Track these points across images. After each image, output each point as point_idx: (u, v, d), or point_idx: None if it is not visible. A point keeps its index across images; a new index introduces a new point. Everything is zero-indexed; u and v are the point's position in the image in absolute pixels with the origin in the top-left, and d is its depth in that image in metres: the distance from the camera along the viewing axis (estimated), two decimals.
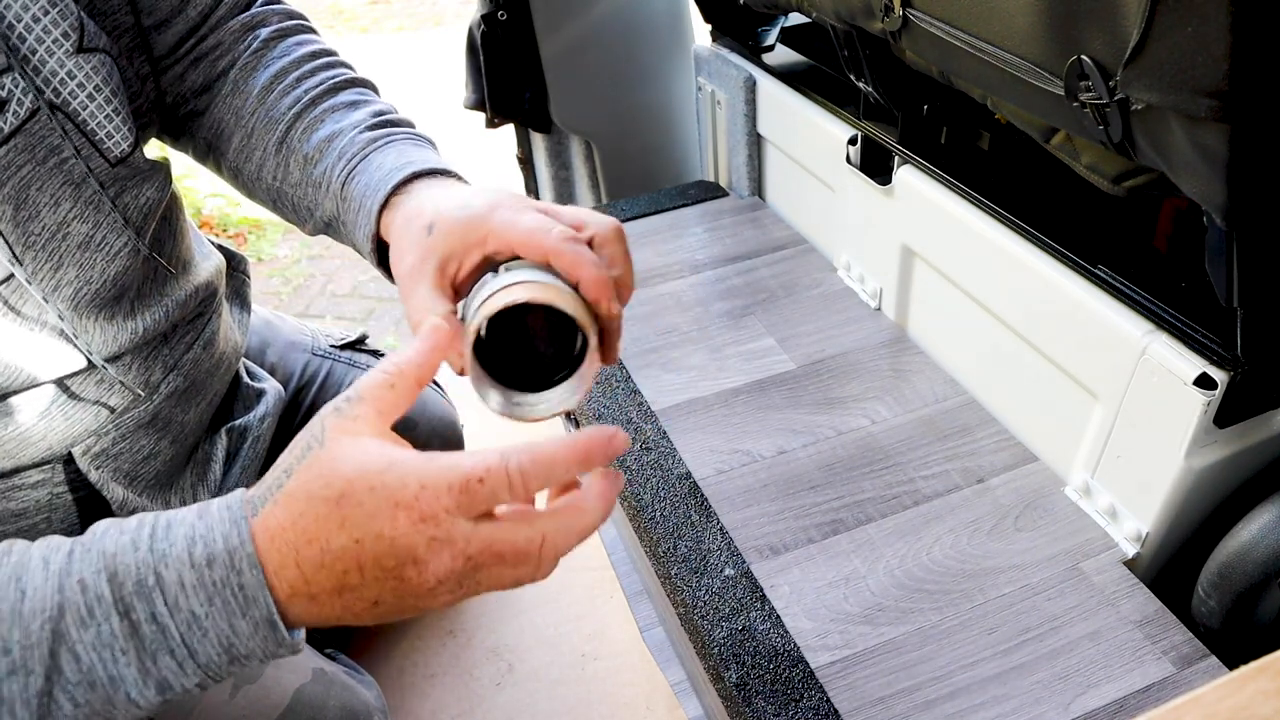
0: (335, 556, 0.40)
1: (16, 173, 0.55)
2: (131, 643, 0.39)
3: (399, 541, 0.39)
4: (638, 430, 0.95)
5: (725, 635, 0.74)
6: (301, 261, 2.43)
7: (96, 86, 0.58)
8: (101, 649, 0.39)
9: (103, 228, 0.61)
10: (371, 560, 0.39)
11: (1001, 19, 0.63)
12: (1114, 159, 0.65)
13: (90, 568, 0.40)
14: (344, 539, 0.39)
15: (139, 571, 0.40)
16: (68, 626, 0.39)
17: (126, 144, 0.60)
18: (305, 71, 0.66)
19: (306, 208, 0.65)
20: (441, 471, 0.39)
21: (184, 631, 0.40)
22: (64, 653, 0.39)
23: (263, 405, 0.82)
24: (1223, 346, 0.65)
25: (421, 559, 0.39)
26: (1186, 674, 0.68)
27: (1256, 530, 0.68)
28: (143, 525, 0.42)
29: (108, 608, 0.39)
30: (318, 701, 0.81)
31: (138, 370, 0.67)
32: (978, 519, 0.82)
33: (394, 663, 1.03)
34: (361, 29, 4.28)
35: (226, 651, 0.41)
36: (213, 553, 0.40)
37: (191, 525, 0.41)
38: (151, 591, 0.40)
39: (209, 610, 0.40)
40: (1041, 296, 0.80)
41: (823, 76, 1.17)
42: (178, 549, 0.40)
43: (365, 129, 0.61)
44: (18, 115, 0.54)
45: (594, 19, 1.41)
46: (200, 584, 0.40)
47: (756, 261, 1.21)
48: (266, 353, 0.96)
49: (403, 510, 0.39)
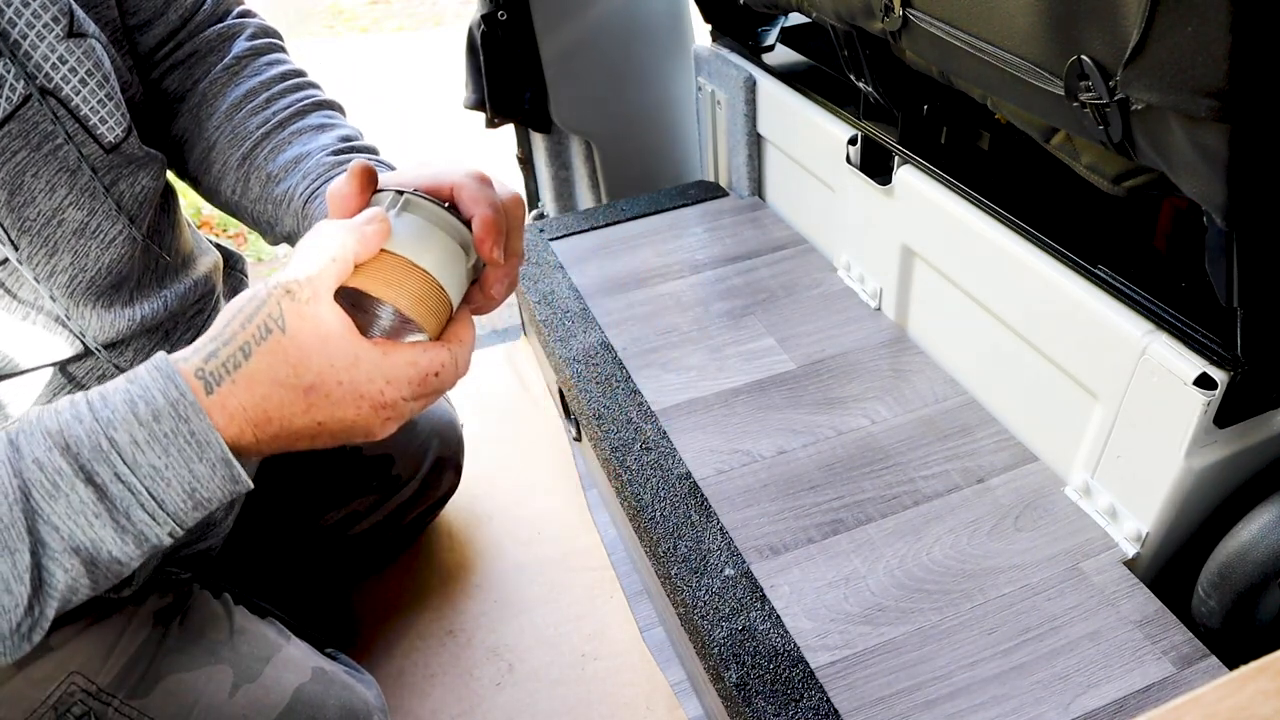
0: (295, 432, 0.45)
1: (11, 158, 0.55)
2: (102, 505, 0.43)
3: (359, 423, 0.45)
4: (638, 430, 0.95)
5: (725, 635, 0.74)
6: None
7: (88, 71, 0.58)
8: (75, 516, 0.42)
9: (98, 215, 0.61)
10: (328, 434, 0.45)
11: (1001, 19, 0.62)
12: (1114, 159, 0.65)
13: (40, 447, 0.42)
14: (306, 420, 0.44)
15: (91, 439, 0.42)
16: (37, 502, 0.42)
17: (120, 129, 0.61)
18: (276, 93, 0.68)
19: (266, 222, 0.67)
20: (403, 368, 0.45)
21: (149, 484, 0.43)
22: (42, 526, 0.42)
23: None
24: (1223, 346, 0.65)
25: (374, 430, 0.46)
26: (1186, 674, 0.68)
27: (1256, 530, 0.68)
28: (76, 402, 0.44)
29: (70, 478, 0.42)
30: (317, 700, 0.81)
31: (138, 362, 0.67)
32: (978, 519, 0.82)
33: (394, 662, 1.03)
34: (361, 29, 4.28)
35: (190, 496, 0.44)
36: (156, 409, 0.43)
37: (126, 390, 0.44)
38: (109, 454, 0.42)
39: (167, 460, 0.43)
40: (1041, 296, 0.80)
41: (823, 76, 1.17)
42: (120, 413, 0.43)
43: (331, 153, 0.64)
44: (10, 101, 0.54)
45: (594, 19, 1.41)
46: (153, 438, 0.43)
47: (756, 261, 1.21)
48: None
49: (366, 400, 0.44)
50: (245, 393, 0.44)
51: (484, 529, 1.18)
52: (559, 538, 1.15)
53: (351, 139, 0.67)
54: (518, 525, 1.18)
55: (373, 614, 1.09)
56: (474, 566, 1.13)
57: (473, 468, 1.20)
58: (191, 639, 0.77)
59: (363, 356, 0.44)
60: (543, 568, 1.11)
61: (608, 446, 0.93)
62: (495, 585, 1.11)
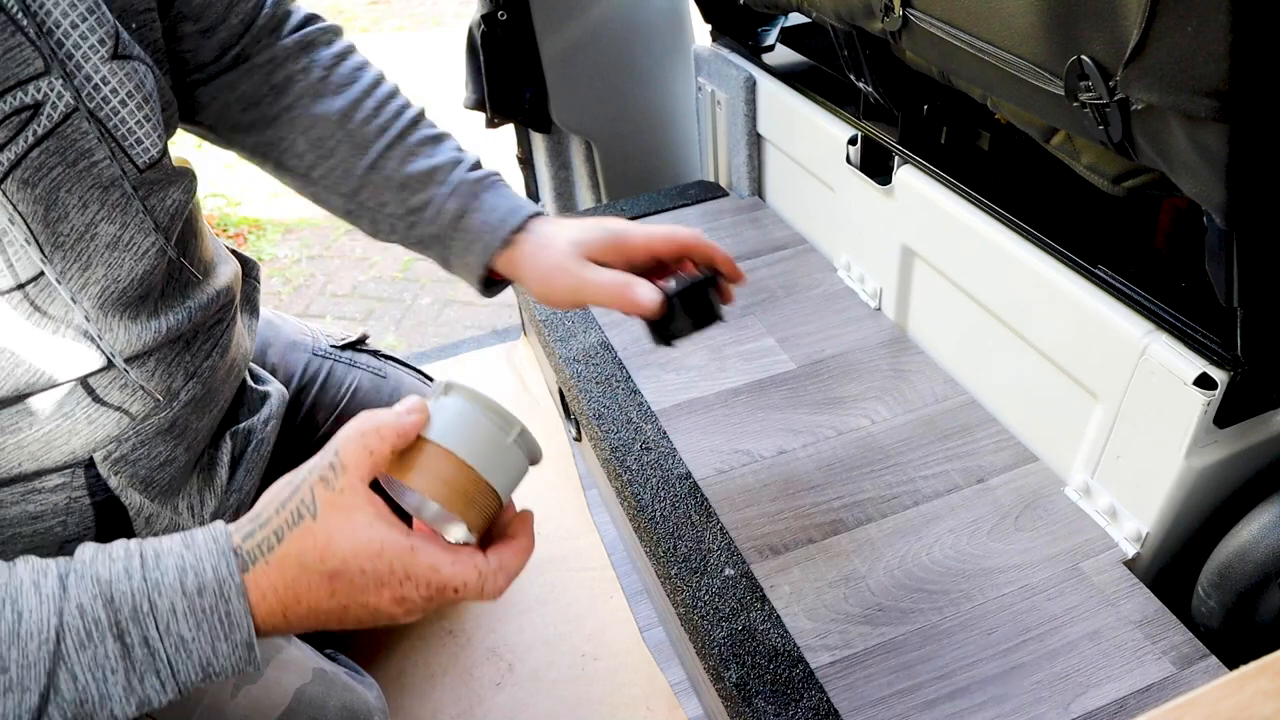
0: (323, 612, 0.47)
1: (48, 174, 0.56)
2: (123, 664, 0.43)
3: (380, 610, 0.47)
4: (638, 430, 0.95)
5: (725, 635, 0.74)
6: (301, 261, 2.43)
7: (129, 93, 0.59)
8: (96, 669, 0.43)
9: (130, 229, 0.62)
10: (353, 617, 0.48)
11: (1001, 19, 0.63)
12: (1114, 159, 0.65)
13: (86, 593, 0.43)
14: (333, 604, 0.47)
15: (134, 599, 0.44)
16: (67, 649, 0.42)
17: (155, 150, 0.62)
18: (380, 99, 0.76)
19: (389, 224, 0.74)
20: (425, 571, 0.47)
21: (171, 654, 0.44)
22: (62, 672, 0.42)
23: (266, 408, 0.82)
24: (1223, 346, 0.65)
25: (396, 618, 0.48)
26: (1186, 674, 0.68)
27: (1256, 530, 0.68)
28: (131, 555, 0.45)
29: (104, 631, 0.43)
30: (319, 701, 0.81)
31: (160, 375, 0.67)
32: (978, 519, 0.82)
33: (394, 663, 1.03)
34: (361, 29, 4.28)
35: (203, 669, 0.45)
36: (203, 582, 0.44)
37: (180, 555, 0.45)
38: (146, 617, 0.44)
39: (196, 634, 0.44)
40: (1041, 296, 0.80)
41: (823, 76, 1.17)
42: (170, 578, 0.44)
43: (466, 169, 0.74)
44: (51, 119, 0.55)
45: (594, 19, 1.41)
46: (190, 611, 0.44)
47: (756, 261, 1.21)
48: (268, 353, 0.96)
49: (387, 590, 0.46)
50: (277, 574, 0.46)
51: None
52: (559, 538, 1.15)
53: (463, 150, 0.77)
54: None
55: None
56: None
57: None
58: None
59: (388, 548, 0.46)
60: (543, 568, 1.11)
61: (608, 446, 0.93)
62: None
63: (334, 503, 0.46)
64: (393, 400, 1.02)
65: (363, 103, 0.74)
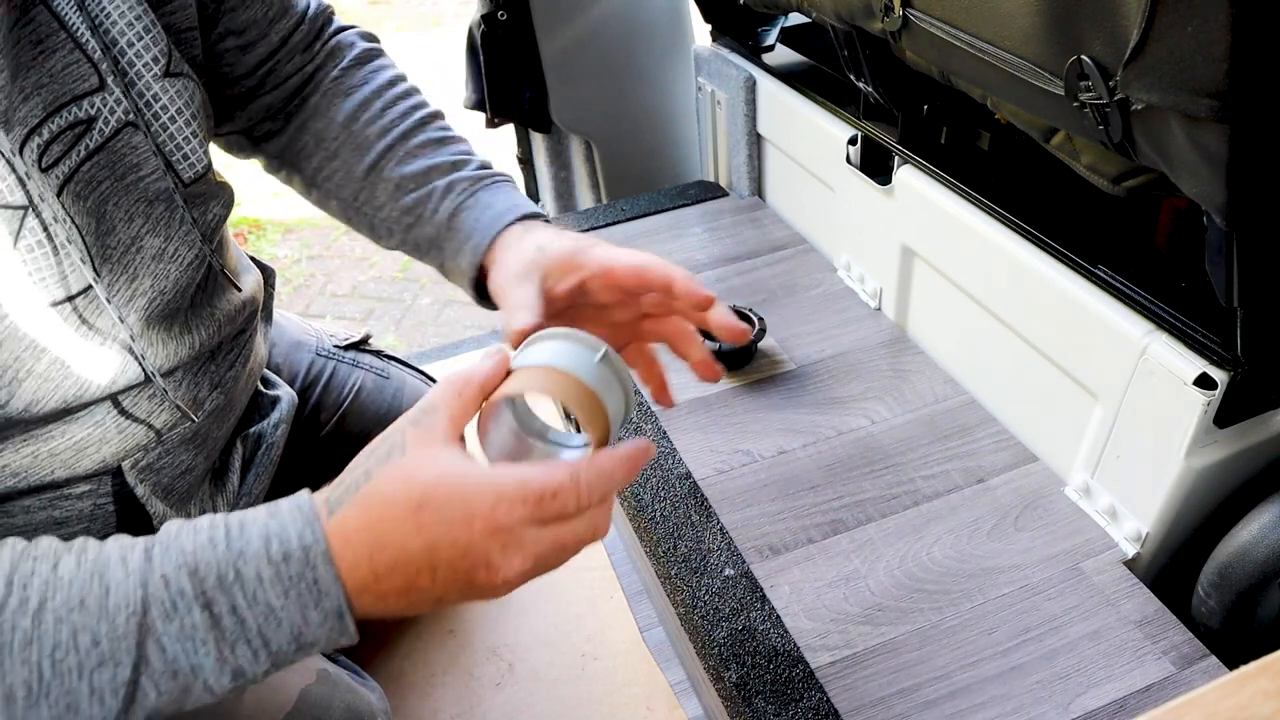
0: (409, 559, 0.43)
1: (97, 188, 0.57)
2: (212, 634, 0.42)
3: (474, 547, 0.42)
4: (638, 430, 0.95)
5: (725, 635, 0.74)
6: (301, 261, 2.43)
7: (179, 109, 0.61)
8: (185, 640, 0.42)
9: (174, 241, 0.63)
10: (445, 564, 0.43)
11: (1001, 19, 0.63)
12: (1114, 159, 0.65)
13: (171, 564, 0.43)
14: (420, 544, 0.42)
15: (220, 567, 0.43)
16: (153, 620, 0.42)
17: (200, 166, 0.63)
18: (388, 100, 0.73)
19: (388, 227, 0.71)
20: (515, 485, 0.43)
21: (261, 622, 0.43)
22: (150, 644, 0.42)
23: (277, 412, 0.82)
24: (1223, 346, 0.65)
25: (494, 564, 0.43)
26: (1186, 674, 0.68)
27: (1256, 530, 0.68)
28: (216, 526, 0.44)
29: (190, 601, 0.42)
30: (323, 702, 0.81)
31: (188, 387, 0.68)
32: (978, 519, 0.82)
33: (394, 663, 1.03)
34: None
35: (295, 640, 0.43)
36: (288, 549, 0.43)
37: (265, 524, 0.44)
38: (232, 586, 0.42)
39: (284, 602, 0.43)
40: (1041, 296, 0.80)
41: (823, 76, 1.17)
42: (254, 546, 0.43)
43: (469, 169, 0.70)
44: (103, 133, 0.56)
45: (594, 19, 1.41)
46: (277, 578, 0.43)
47: (756, 261, 1.21)
48: (273, 353, 0.96)
49: (479, 520, 0.42)
50: (361, 515, 0.43)
51: None
52: None
53: (469, 152, 0.72)
54: None
55: None
56: None
57: None
58: None
59: (473, 472, 0.43)
60: None
61: None
62: None
63: (421, 439, 0.44)
64: (396, 401, 1.02)
65: (371, 104, 0.73)
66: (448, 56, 3.64)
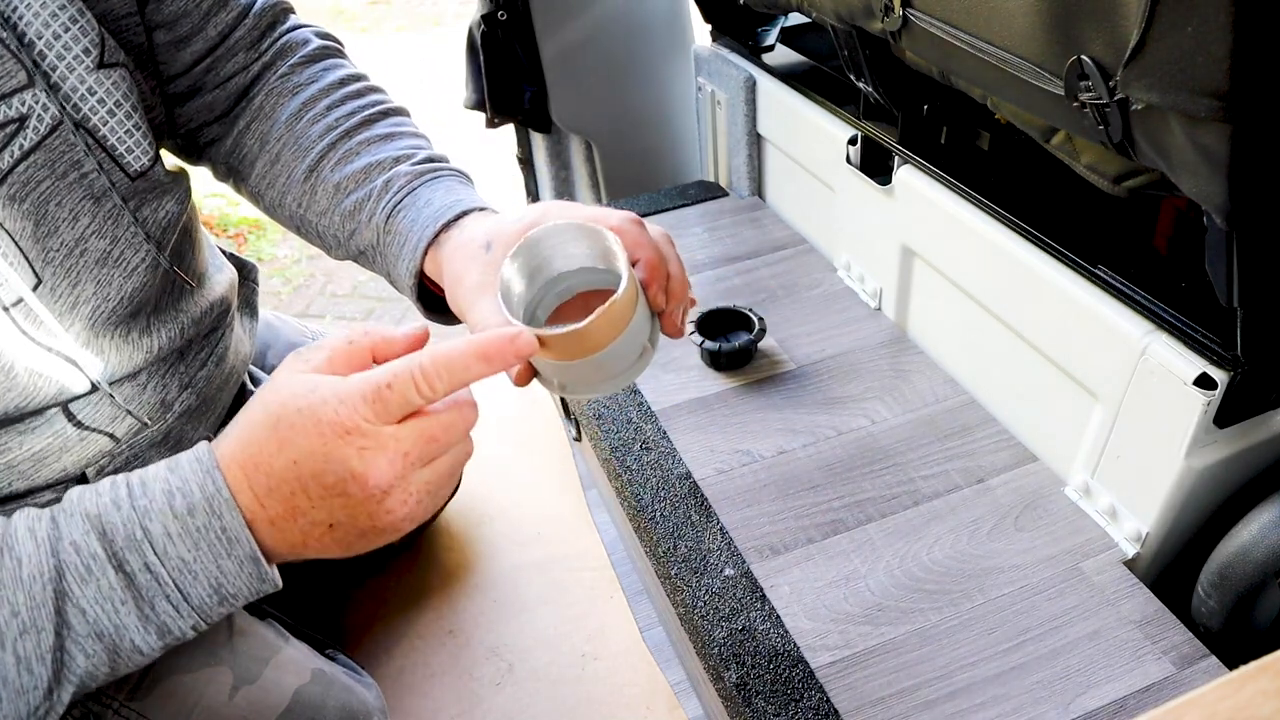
0: (280, 479, 0.43)
1: (36, 188, 0.55)
2: (129, 593, 0.43)
3: (331, 456, 0.42)
4: (638, 430, 0.95)
5: (725, 635, 0.74)
6: (301, 261, 2.43)
7: (117, 102, 0.58)
8: (103, 601, 0.43)
9: (120, 243, 0.60)
10: (311, 478, 0.42)
11: (1001, 19, 0.62)
12: (1114, 159, 0.65)
13: (78, 530, 0.43)
14: (283, 460, 0.42)
15: (126, 527, 0.43)
16: (69, 584, 0.42)
17: (146, 158, 0.61)
18: (336, 99, 0.67)
19: (334, 236, 0.66)
20: (355, 385, 0.42)
21: (176, 577, 0.43)
22: (70, 608, 0.42)
23: None
24: (1223, 346, 0.65)
25: (358, 472, 0.42)
26: (1186, 674, 0.68)
27: (1256, 530, 0.68)
28: (117, 485, 0.45)
29: (103, 563, 0.42)
30: (317, 702, 0.81)
31: (154, 389, 0.66)
32: (978, 519, 0.82)
33: (394, 663, 1.03)
34: (361, 29, 4.28)
35: (216, 592, 0.44)
36: (192, 502, 0.43)
37: (166, 479, 0.44)
38: (141, 544, 0.43)
39: (196, 555, 0.43)
40: (1041, 296, 0.80)
41: (823, 76, 1.17)
42: (158, 503, 0.43)
43: (411, 163, 0.63)
44: (38, 131, 0.54)
45: (594, 19, 1.41)
46: (185, 531, 0.43)
47: (756, 261, 1.21)
48: (268, 355, 0.96)
49: (327, 425, 0.42)
50: (234, 440, 0.44)
51: (484, 529, 1.18)
52: (559, 538, 1.15)
53: (422, 148, 0.65)
54: (518, 525, 1.18)
55: (373, 614, 1.09)
56: (474, 566, 1.13)
57: (473, 468, 1.20)
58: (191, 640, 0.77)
59: (322, 383, 0.43)
60: (543, 568, 1.11)
61: (608, 446, 0.93)
62: (495, 585, 1.11)
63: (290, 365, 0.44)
64: None
65: (317, 102, 0.67)
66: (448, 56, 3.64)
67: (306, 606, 1.03)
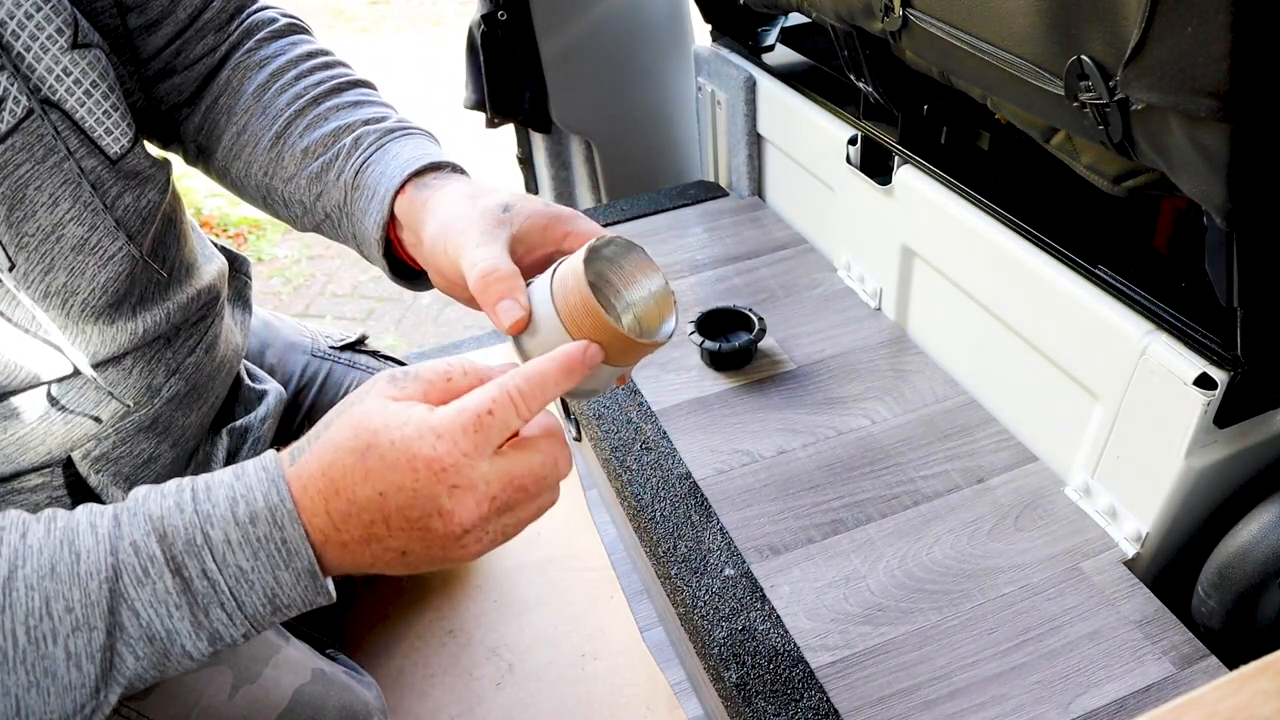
0: (361, 507, 0.42)
1: (14, 171, 0.55)
2: (184, 598, 0.42)
3: (421, 493, 0.41)
4: (638, 430, 0.95)
5: (725, 635, 0.74)
6: (301, 261, 2.43)
7: (93, 82, 0.57)
8: (158, 605, 0.42)
9: (98, 230, 0.60)
10: (396, 512, 0.42)
11: (1001, 19, 0.62)
12: (1114, 159, 0.65)
13: (139, 530, 0.42)
14: (368, 491, 0.42)
15: (187, 532, 0.42)
16: (125, 585, 0.42)
17: (126, 140, 0.60)
18: (304, 70, 0.67)
19: (299, 201, 0.65)
20: (454, 417, 0.41)
21: (232, 585, 0.42)
22: (124, 609, 0.42)
23: (263, 406, 0.82)
24: (1223, 346, 0.65)
25: (446, 510, 0.41)
26: (1186, 674, 0.68)
27: (1256, 530, 0.68)
28: (182, 489, 0.44)
29: (160, 567, 0.42)
30: (317, 702, 0.81)
31: (139, 374, 0.66)
32: (978, 519, 0.82)
33: (394, 663, 1.03)
34: (362, 29, 4.28)
35: (270, 602, 0.43)
36: (254, 510, 0.42)
37: (231, 486, 0.43)
38: (200, 550, 0.42)
39: (254, 564, 0.42)
40: (1041, 296, 0.80)
41: (823, 76, 1.17)
42: (220, 509, 0.43)
43: (380, 122, 0.62)
44: (14, 114, 0.54)
45: (594, 19, 1.41)
46: (245, 540, 0.42)
47: (756, 261, 1.21)
48: (266, 354, 0.96)
49: (421, 461, 0.41)
50: (316, 461, 0.43)
51: None
52: (559, 538, 1.15)
53: (389, 114, 0.65)
54: None
55: (373, 614, 1.09)
56: (474, 566, 1.13)
57: None
58: None
59: (416, 417, 0.42)
60: (543, 568, 1.11)
61: (608, 446, 0.93)
62: (495, 585, 1.11)
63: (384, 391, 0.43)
64: None
65: (285, 73, 0.66)
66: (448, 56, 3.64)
67: None
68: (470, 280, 0.49)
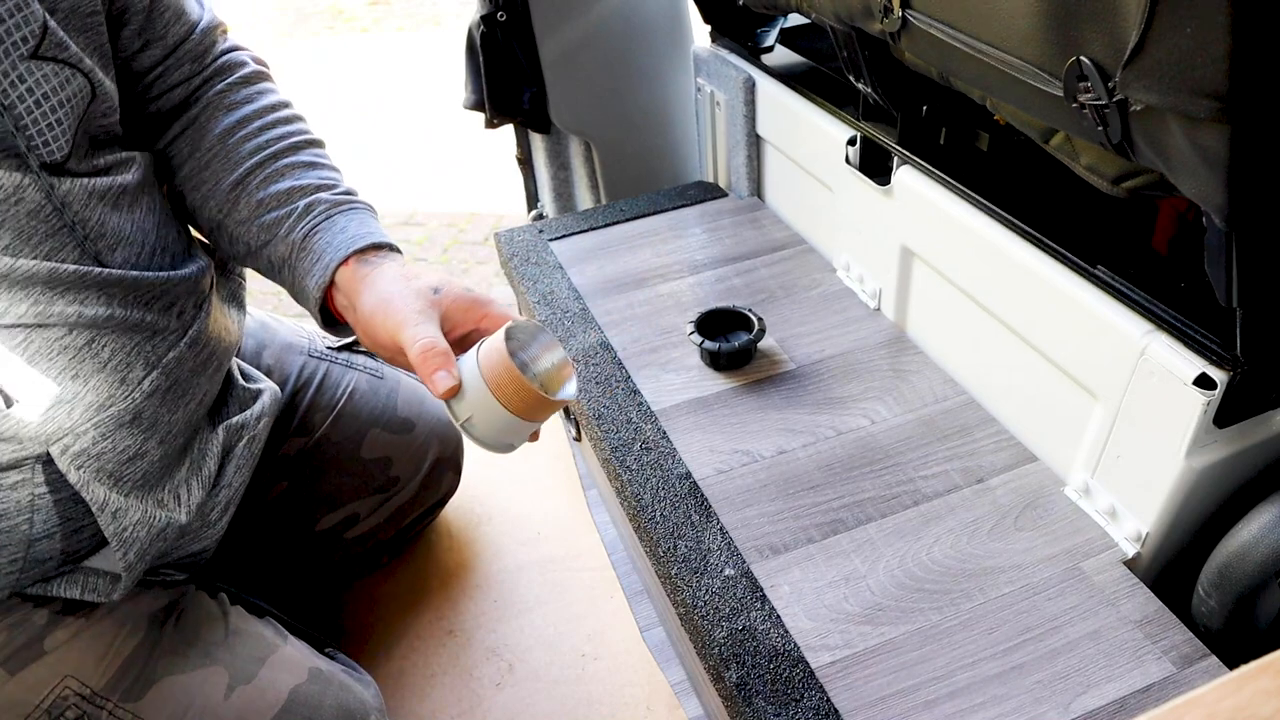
0: None
1: None
2: None
3: None
4: (637, 430, 0.95)
5: (725, 635, 0.74)
6: None
7: (45, 94, 0.60)
8: None
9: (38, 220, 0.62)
10: None
11: (1001, 20, 0.63)
12: (1113, 159, 0.65)
13: None
14: None
15: None
16: None
17: (60, 154, 0.62)
18: (268, 122, 0.76)
19: (246, 243, 0.74)
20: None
21: None
22: None
23: (259, 405, 0.82)
24: (1222, 346, 0.65)
25: None
26: (1186, 674, 0.68)
27: (1256, 530, 0.68)
28: None
29: None
30: (314, 701, 0.81)
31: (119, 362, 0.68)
32: (978, 519, 0.82)
33: (393, 663, 1.03)
34: (362, 29, 4.28)
35: None
36: None
37: None
38: None
39: None
40: (1041, 297, 0.80)
41: (822, 77, 1.17)
42: None
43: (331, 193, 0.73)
44: None
45: (594, 19, 1.41)
46: None
47: (756, 261, 1.21)
48: (263, 354, 0.96)
49: None
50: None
51: (484, 529, 1.18)
52: (559, 538, 1.15)
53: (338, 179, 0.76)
54: (518, 525, 1.18)
55: (373, 614, 1.09)
56: (474, 566, 1.13)
57: (473, 468, 1.20)
58: (186, 641, 0.77)
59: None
60: (543, 568, 1.11)
61: (608, 446, 0.93)
62: (495, 585, 1.11)
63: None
64: (390, 401, 1.03)
65: (250, 122, 0.75)
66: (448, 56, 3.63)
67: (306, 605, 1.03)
68: (411, 354, 0.60)
